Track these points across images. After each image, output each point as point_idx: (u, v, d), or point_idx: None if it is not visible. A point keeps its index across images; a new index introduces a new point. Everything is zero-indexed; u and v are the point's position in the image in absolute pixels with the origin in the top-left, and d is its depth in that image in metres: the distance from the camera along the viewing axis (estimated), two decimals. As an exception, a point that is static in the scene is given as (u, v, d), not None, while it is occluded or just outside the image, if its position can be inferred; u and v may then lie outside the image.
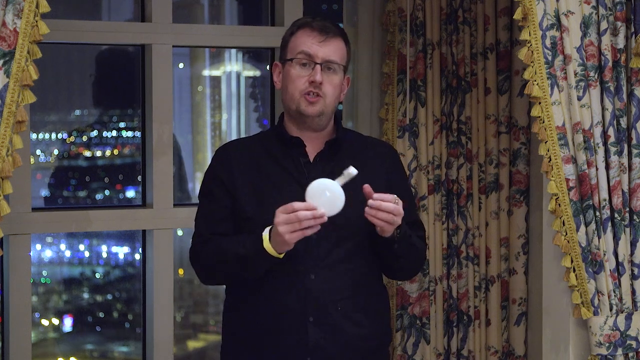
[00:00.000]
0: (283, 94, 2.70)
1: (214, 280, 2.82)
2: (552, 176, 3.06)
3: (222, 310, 2.80)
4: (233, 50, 4.38)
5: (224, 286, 2.83)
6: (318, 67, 2.63)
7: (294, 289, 2.62)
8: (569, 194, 3.06)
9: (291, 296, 2.62)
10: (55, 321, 4.20)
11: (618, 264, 3.12)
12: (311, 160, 2.69)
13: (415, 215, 2.86)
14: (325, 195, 2.49)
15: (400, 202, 2.57)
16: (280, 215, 2.49)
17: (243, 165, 2.69)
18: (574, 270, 3.11)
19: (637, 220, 3.12)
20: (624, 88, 3.09)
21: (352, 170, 2.50)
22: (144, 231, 3.76)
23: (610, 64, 3.05)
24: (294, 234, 2.48)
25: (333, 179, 2.57)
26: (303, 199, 2.55)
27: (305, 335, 2.62)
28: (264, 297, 2.65)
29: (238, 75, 4.45)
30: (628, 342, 3.13)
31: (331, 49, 2.65)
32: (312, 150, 2.69)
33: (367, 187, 2.53)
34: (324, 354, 2.63)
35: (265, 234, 2.54)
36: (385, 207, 2.52)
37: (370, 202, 2.52)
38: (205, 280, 2.78)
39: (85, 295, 4.35)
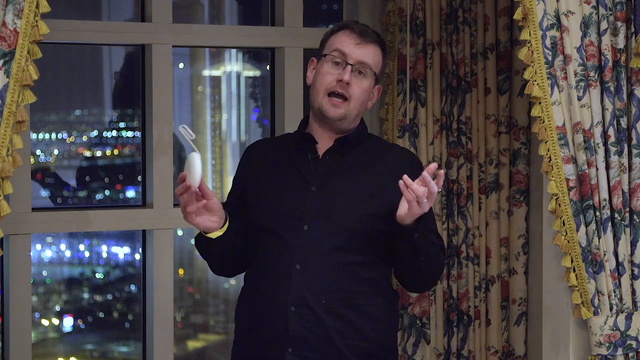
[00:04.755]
0: (311, 88, 2.71)
1: (220, 270, 2.86)
2: (552, 176, 3.06)
3: None
4: (233, 50, 4.37)
5: (227, 285, 2.86)
6: (349, 67, 2.64)
7: (279, 279, 2.64)
8: (569, 194, 3.06)
9: (275, 285, 2.64)
10: (55, 321, 4.20)
11: (618, 264, 3.12)
12: (320, 156, 2.71)
13: (433, 224, 2.74)
14: (190, 167, 2.51)
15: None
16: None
17: (259, 169, 2.76)
18: (574, 270, 3.11)
19: (637, 220, 3.12)
20: (624, 88, 3.09)
21: (181, 130, 2.51)
22: (144, 231, 3.76)
23: (610, 64, 3.05)
24: (186, 210, 2.56)
25: (336, 175, 2.64)
26: (303, 192, 2.64)
27: (286, 324, 2.62)
28: (254, 285, 2.71)
29: (238, 75, 4.45)
30: (628, 342, 3.13)
31: (366, 52, 2.66)
32: (323, 147, 2.71)
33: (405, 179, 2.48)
34: (306, 344, 2.62)
35: None
36: (416, 188, 2.45)
37: (400, 182, 2.46)
38: (215, 270, 2.85)
39: (85, 295, 4.35)
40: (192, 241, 2.84)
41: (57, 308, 4.24)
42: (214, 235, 2.63)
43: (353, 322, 2.65)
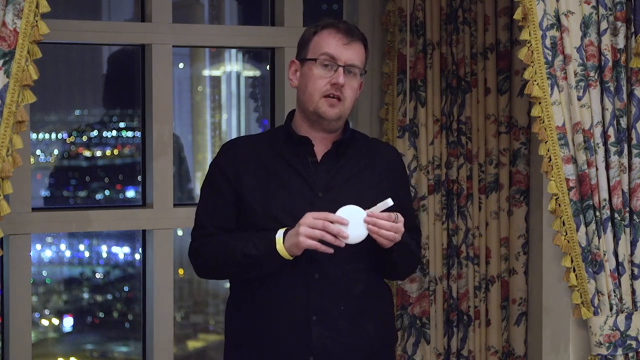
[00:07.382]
0: (300, 93, 2.68)
1: (213, 275, 2.82)
2: (552, 176, 3.06)
3: (225, 308, 2.79)
4: (233, 50, 4.37)
5: (228, 284, 2.83)
6: (341, 69, 2.62)
7: (297, 288, 2.62)
8: (569, 194, 3.06)
9: (295, 295, 2.62)
10: (55, 321, 4.20)
11: (618, 264, 3.12)
12: (319, 160, 2.68)
13: (413, 220, 2.86)
14: (356, 222, 2.51)
15: (401, 219, 2.58)
16: (309, 216, 2.52)
17: (250, 163, 2.68)
18: (574, 270, 3.11)
19: (637, 220, 3.12)
20: (624, 88, 3.09)
21: (388, 201, 2.52)
22: (144, 231, 3.76)
23: (610, 64, 3.05)
24: (310, 240, 2.50)
25: (339, 179, 2.60)
26: (311, 199, 2.57)
27: (308, 334, 2.61)
28: (268, 296, 2.65)
29: (238, 75, 4.45)
30: (628, 342, 3.13)
31: (354, 53, 2.65)
32: (320, 149, 2.69)
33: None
34: (327, 353, 2.62)
35: (279, 236, 2.55)
36: (382, 224, 2.53)
37: (366, 218, 2.53)
38: (204, 274, 2.78)
39: (85, 295, 4.35)
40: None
41: (57, 308, 4.24)
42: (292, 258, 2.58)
43: (365, 325, 2.67)
